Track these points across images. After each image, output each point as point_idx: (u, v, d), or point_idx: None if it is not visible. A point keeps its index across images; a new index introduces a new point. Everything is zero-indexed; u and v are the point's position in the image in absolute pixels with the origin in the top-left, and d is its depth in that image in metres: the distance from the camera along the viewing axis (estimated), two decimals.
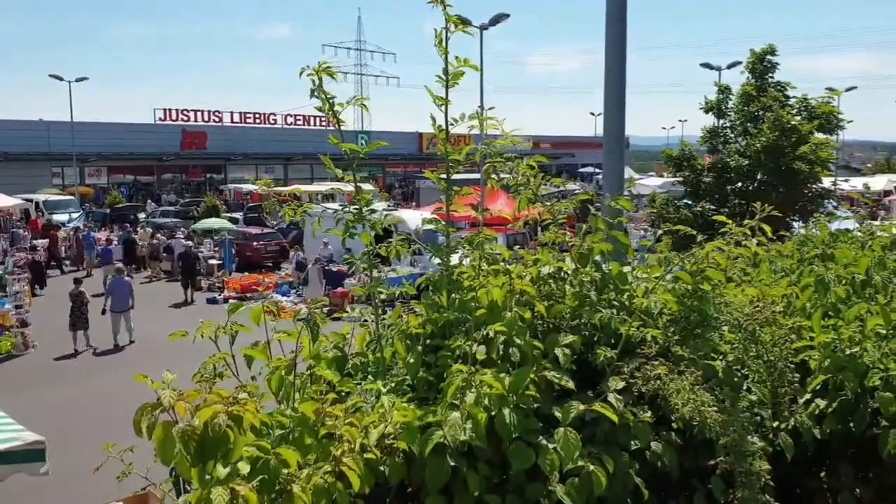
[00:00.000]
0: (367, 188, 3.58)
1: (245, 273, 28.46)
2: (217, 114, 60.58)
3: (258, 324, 2.98)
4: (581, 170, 71.46)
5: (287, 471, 2.32)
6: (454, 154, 3.40)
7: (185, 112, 58.88)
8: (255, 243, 31.18)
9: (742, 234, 3.43)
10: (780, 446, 2.93)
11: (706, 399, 2.71)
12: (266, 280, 26.65)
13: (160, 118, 58.02)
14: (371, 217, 3.38)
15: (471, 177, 15.24)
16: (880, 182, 47.92)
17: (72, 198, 44.53)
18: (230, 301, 22.85)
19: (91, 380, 16.33)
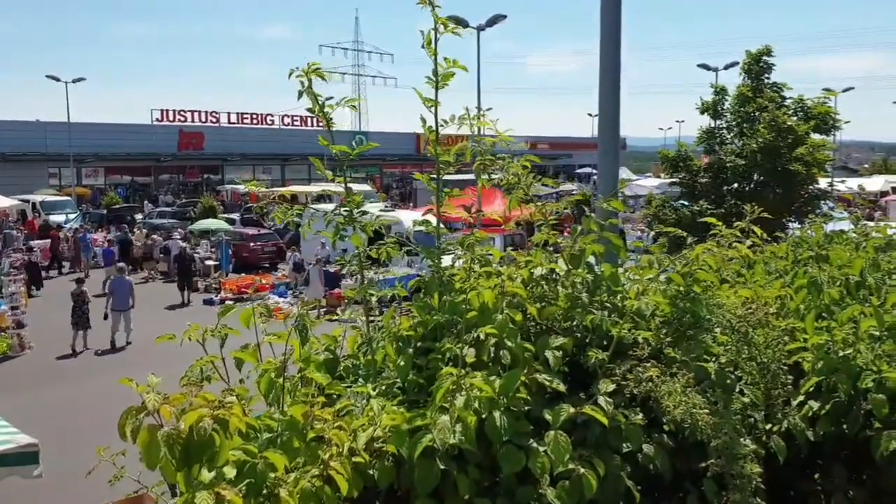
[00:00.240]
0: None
1: (242, 274, 28.42)
2: (214, 114, 60.47)
3: (248, 326, 2.96)
4: (578, 171, 71.54)
5: (274, 475, 2.30)
6: (444, 156, 3.38)
7: (182, 113, 58.75)
8: (251, 244, 31.14)
9: (733, 236, 3.41)
10: (774, 448, 2.92)
11: (698, 401, 2.69)
12: (263, 281, 26.59)
13: (157, 119, 57.89)
14: (362, 219, 3.36)
15: (467, 178, 15.20)
16: (877, 183, 48.01)
17: (69, 198, 44.48)
18: (226, 302, 22.87)
19: (89, 380, 16.29)
